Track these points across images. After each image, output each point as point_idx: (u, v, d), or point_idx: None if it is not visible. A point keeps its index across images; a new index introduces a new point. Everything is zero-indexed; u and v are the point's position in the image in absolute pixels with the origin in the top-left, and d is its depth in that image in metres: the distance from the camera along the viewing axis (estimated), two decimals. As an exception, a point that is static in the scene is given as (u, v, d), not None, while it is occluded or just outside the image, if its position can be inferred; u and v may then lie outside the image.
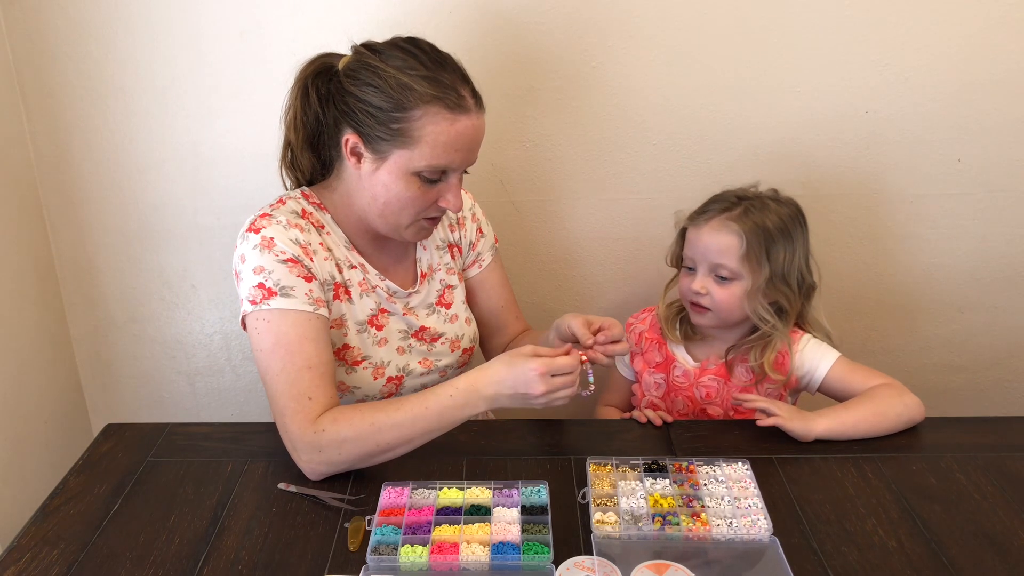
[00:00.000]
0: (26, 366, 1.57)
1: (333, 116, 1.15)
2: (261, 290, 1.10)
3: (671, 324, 1.37)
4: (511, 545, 0.95)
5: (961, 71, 1.48)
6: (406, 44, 1.12)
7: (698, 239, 1.27)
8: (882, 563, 0.96)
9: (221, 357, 1.73)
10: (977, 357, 1.75)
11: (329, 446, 1.06)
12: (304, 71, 1.17)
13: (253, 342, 1.11)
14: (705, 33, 1.45)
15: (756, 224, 1.24)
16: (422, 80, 1.08)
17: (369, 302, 1.21)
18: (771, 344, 1.28)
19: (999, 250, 1.64)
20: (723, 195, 1.31)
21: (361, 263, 1.22)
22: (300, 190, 1.22)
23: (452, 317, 1.31)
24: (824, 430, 1.17)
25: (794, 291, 1.27)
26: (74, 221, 1.60)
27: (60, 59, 1.46)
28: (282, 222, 1.13)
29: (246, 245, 1.13)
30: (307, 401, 1.07)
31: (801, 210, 1.30)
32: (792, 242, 1.26)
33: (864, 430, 1.18)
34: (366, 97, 1.09)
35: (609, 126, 1.53)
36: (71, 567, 0.96)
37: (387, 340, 1.23)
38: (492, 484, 1.06)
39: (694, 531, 0.98)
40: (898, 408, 1.20)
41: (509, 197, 1.60)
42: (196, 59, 1.46)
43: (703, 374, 1.33)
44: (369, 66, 1.10)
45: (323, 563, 0.96)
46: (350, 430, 1.06)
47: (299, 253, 1.12)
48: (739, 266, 1.24)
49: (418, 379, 1.26)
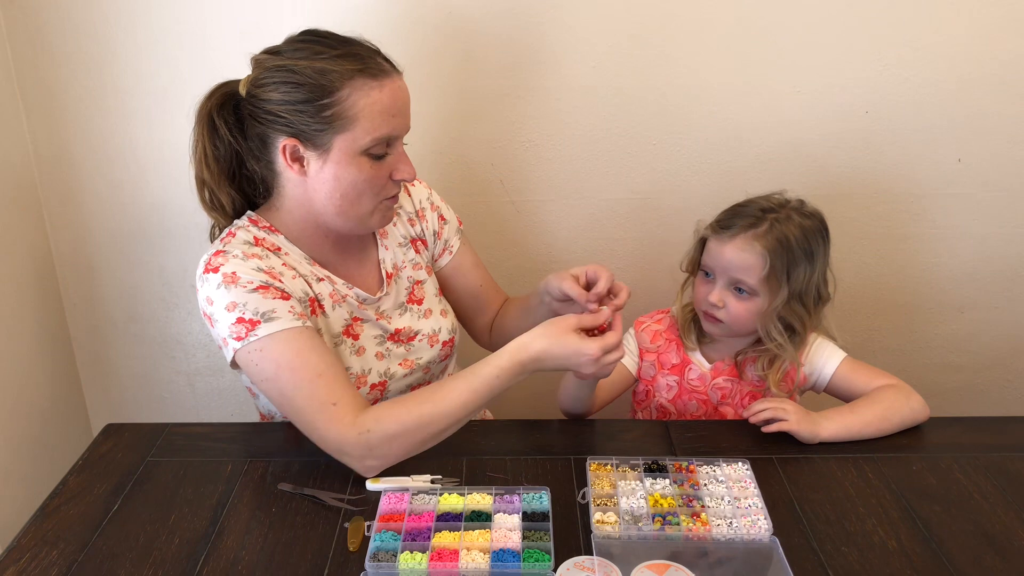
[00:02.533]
0: (26, 366, 1.57)
1: (257, 134, 1.12)
2: (242, 324, 1.07)
3: (687, 329, 1.36)
4: (511, 552, 0.95)
5: (961, 71, 1.48)
6: (305, 36, 1.11)
7: (721, 253, 1.25)
8: (882, 563, 0.96)
9: (221, 357, 1.71)
10: (977, 357, 1.75)
11: (380, 444, 1.06)
12: (204, 107, 1.14)
13: (253, 375, 1.09)
14: (705, 33, 1.45)
15: (780, 244, 1.22)
16: (336, 59, 1.06)
17: (342, 312, 1.19)
18: (779, 360, 1.28)
19: (999, 250, 1.64)
20: (748, 207, 1.27)
21: (327, 275, 1.19)
22: (247, 216, 1.18)
23: (425, 312, 1.29)
24: (831, 435, 1.17)
25: (809, 311, 1.26)
26: (74, 221, 1.60)
27: (60, 59, 1.46)
28: (238, 256, 1.10)
29: (209, 287, 1.09)
30: (332, 408, 1.06)
31: (825, 223, 1.28)
32: (813, 260, 1.24)
33: (870, 433, 1.18)
34: (287, 97, 1.07)
35: (609, 126, 1.53)
36: (71, 567, 0.96)
37: (364, 348, 1.21)
38: (493, 490, 1.05)
39: (694, 531, 0.98)
40: (904, 411, 1.20)
41: (509, 197, 1.60)
42: (196, 59, 1.46)
43: (717, 375, 1.33)
44: (278, 67, 1.08)
45: (323, 563, 0.96)
46: (398, 426, 1.06)
47: (266, 279, 1.09)
48: (759, 285, 1.24)
49: (401, 381, 1.25)
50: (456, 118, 1.52)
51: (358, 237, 1.24)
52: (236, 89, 1.14)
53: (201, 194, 1.19)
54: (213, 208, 1.20)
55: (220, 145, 1.15)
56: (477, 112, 1.52)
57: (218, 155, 1.16)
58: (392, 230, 1.30)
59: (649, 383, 1.38)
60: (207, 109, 1.14)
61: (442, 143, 1.53)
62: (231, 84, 1.15)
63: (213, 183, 1.17)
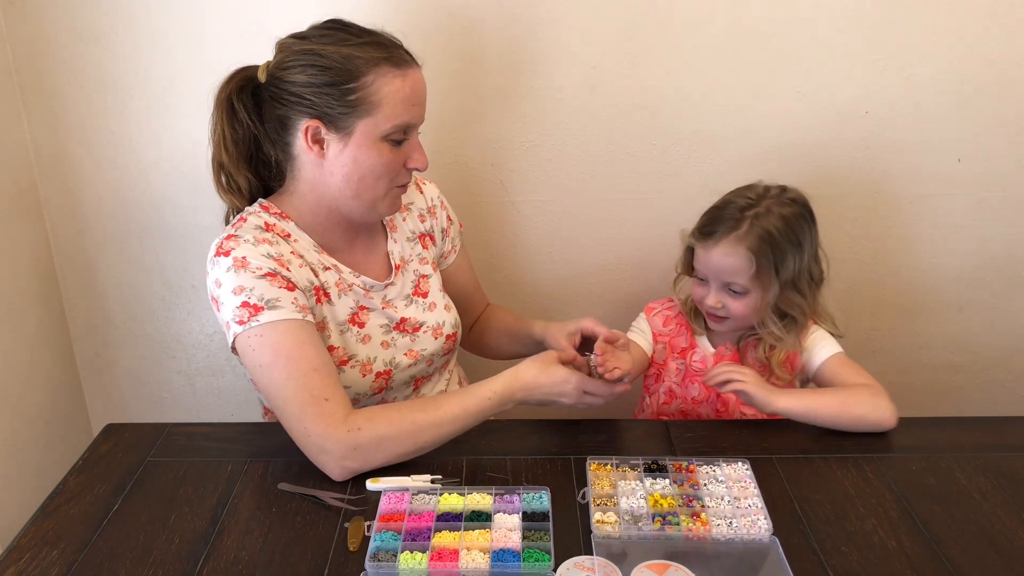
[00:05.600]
0: (26, 366, 1.57)
1: (277, 116, 1.14)
2: (246, 308, 1.08)
3: (693, 316, 1.38)
4: (511, 552, 0.95)
5: (961, 71, 1.48)
6: (331, 24, 1.14)
7: (708, 260, 1.27)
8: (882, 563, 0.96)
9: (221, 357, 1.73)
10: (977, 357, 1.75)
11: (367, 444, 1.07)
12: (223, 91, 1.16)
13: (249, 360, 1.10)
14: (705, 33, 1.45)
15: (763, 240, 1.23)
16: (363, 46, 1.10)
17: (348, 301, 1.20)
18: (780, 345, 1.30)
19: (999, 250, 1.64)
20: (727, 208, 1.28)
21: (334, 264, 1.21)
22: (258, 203, 1.21)
23: (430, 305, 1.30)
24: (784, 406, 1.19)
25: (805, 296, 1.28)
26: (74, 221, 1.60)
27: (60, 59, 1.46)
28: (249, 240, 1.12)
29: (218, 269, 1.11)
30: (324, 403, 1.07)
31: (808, 205, 1.30)
32: (800, 247, 1.26)
33: (826, 417, 1.19)
34: (313, 79, 1.10)
35: (609, 126, 1.53)
36: (71, 567, 0.96)
37: (370, 336, 1.22)
38: (493, 490, 1.05)
39: (694, 531, 0.98)
40: (866, 407, 1.20)
41: (509, 197, 1.60)
42: (196, 59, 1.46)
43: (720, 361, 1.35)
44: (305, 51, 1.11)
45: (323, 563, 0.96)
46: (389, 428, 1.07)
47: (275, 266, 1.11)
48: (750, 283, 1.26)
49: (406, 371, 1.26)
50: (456, 118, 1.52)
51: (367, 226, 1.26)
52: (254, 74, 1.16)
53: (218, 178, 1.21)
54: (230, 191, 1.22)
55: (239, 128, 1.18)
56: (477, 112, 1.52)
57: (236, 138, 1.18)
58: (402, 224, 1.31)
59: (660, 367, 1.40)
60: (226, 93, 1.16)
61: (442, 143, 1.53)
62: (250, 69, 1.17)
63: (232, 166, 1.19)
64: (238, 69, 1.18)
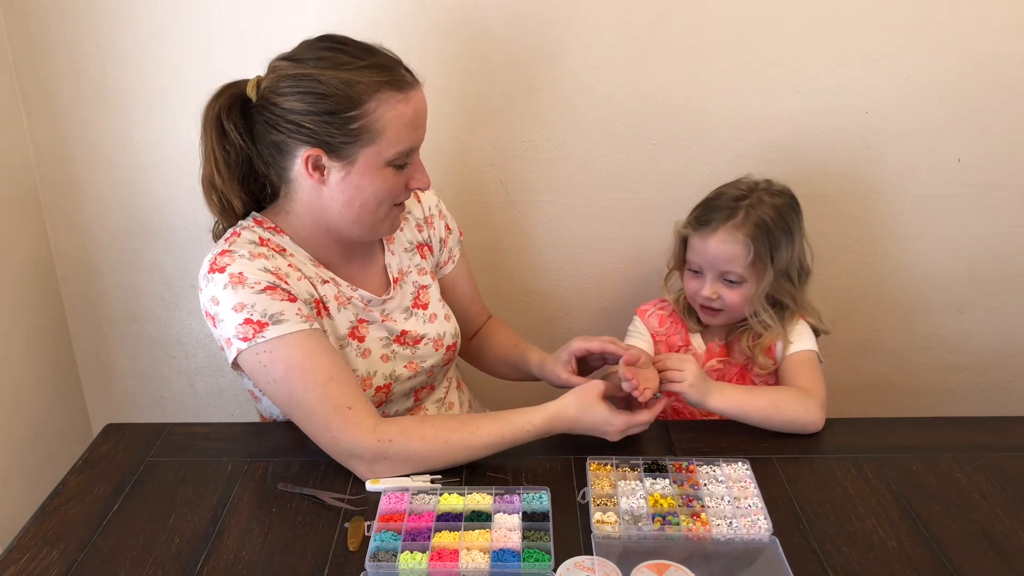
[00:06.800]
0: (26, 366, 1.57)
1: (273, 141, 1.09)
2: (250, 326, 1.05)
3: (687, 313, 1.39)
4: (511, 552, 0.95)
5: (961, 71, 1.48)
6: (327, 44, 1.08)
7: (705, 249, 1.29)
8: (882, 563, 0.96)
9: (221, 357, 1.71)
10: (977, 357, 1.75)
11: (397, 456, 1.07)
12: (211, 110, 1.11)
13: (259, 377, 1.08)
14: (705, 33, 1.45)
15: (759, 228, 1.26)
16: (363, 70, 1.04)
17: (348, 315, 1.18)
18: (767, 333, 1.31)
19: (999, 250, 1.64)
20: (721, 198, 1.31)
21: (332, 277, 1.18)
22: (252, 217, 1.17)
23: (431, 317, 1.29)
24: (717, 406, 1.20)
25: (795, 285, 1.31)
26: (74, 221, 1.60)
27: (60, 59, 1.46)
28: (244, 255, 1.08)
29: (214, 287, 1.07)
30: (348, 411, 1.06)
31: (794, 196, 1.33)
32: (792, 236, 1.29)
33: (758, 418, 1.20)
34: (312, 107, 1.04)
35: (609, 126, 1.53)
36: (71, 567, 0.96)
37: (370, 351, 1.20)
38: (493, 490, 1.05)
39: (694, 531, 0.98)
40: (796, 410, 1.21)
41: (509, 197, 1.60)
42: (196, 59, 1.46)
43: (710, 358, 1.36)
44: (302, 76, 1.05)
45: (323, 563, 0.96)
46: (422, 446, 1.07)
47: (273, 279, 1.07)
48: (746, 272, 1.27)
49: (406, 383, 1.25)
50: (456, 118, 1.52)
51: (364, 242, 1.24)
52: (243, 91, 1.11)
53: (209, 197, 1.17)
54: (223, 211, 1.18)
55: (231, 149, 1.13)
56: (477, 112, 1.52)
57: (229, 160, 1.13)
58: (399, 235, 1.29)
59: None
60: (215, 112, 1.11)
61: (442, 143, 1.52)
62: (238, 85, 1.13)
63: (225, 187, 1.15)
64: (225, 86, 1.13)
